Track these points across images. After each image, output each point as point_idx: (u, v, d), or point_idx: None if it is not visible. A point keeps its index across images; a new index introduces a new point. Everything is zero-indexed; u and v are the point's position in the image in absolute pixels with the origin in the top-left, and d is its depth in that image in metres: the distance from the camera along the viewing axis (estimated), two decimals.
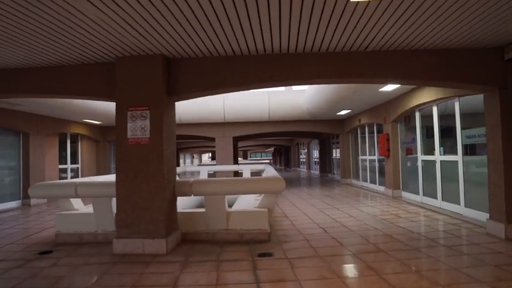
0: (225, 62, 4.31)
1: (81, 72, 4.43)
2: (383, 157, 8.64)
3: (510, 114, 4.13)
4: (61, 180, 5.28)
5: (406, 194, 7.76)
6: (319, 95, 8.38)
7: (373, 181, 10.01)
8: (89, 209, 4.94)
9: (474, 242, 4.06)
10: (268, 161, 45.94)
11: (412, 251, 3.79)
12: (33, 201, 8.64)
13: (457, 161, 5.62)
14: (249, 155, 51.47)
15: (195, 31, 3.47)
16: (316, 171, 18.16)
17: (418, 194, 7.11)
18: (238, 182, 4.51)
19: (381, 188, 9.07)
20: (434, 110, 6.35)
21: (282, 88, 12.07)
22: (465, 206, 5.47)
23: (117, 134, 4.19)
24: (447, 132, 6.14)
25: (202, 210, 4.62)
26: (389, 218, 5.62)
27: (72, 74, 4.44)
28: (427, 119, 6.76)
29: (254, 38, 3.71)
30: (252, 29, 3.45)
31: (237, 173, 12.06)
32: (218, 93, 4.58)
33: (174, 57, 4.32)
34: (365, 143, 10.60)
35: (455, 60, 4.16)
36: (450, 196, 5.97)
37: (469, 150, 5.54)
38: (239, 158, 48.03)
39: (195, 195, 4.50)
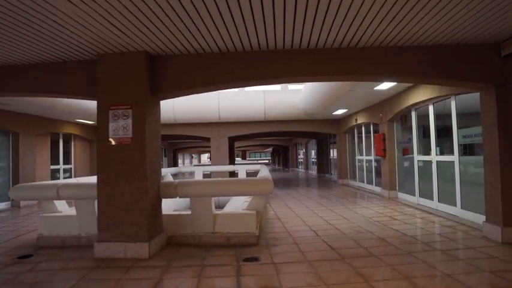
0: (211, 59, 4.15)
1: (62, 70, 4.27)
2: (379, 157, 8.48)
3: (507, 112, 3.97)
4: (42, 182, 5.11)
5: (402, 195, 7.60)
6: (314, 94, 8.23)
7: (369, 182, 9.85)
8: (73, 211, 4.78)
9: (470, 246, 3.90)
10: (267, 161, 45.82)
11: (405, 255, 3.63)
12: (22, 202, 8.49)
13: (453, 162, 5.46)
14: (248, 155, 51.32)
15: (177, 27, 3.32)
16: (314, 172, 17.99)
17: (414, 195, 6.95)
18: (224, 184, 4.35)
19: (378, 189, 8.91)
20: (431, 109, 6.19)
21: (278, 87, 11.92)
22: (461, 208, 5.31)
23: (98, 134, 4.04)
24: (444, 132, 5.98)
25: (188, 212, 4.46)
26: (383, 220, 5.46)
27: (52, 72, 4.28)
28: (423, 118, 6.60)
29: (239, 35, 3.56)
30: (235, 25, 3.30)
31: (232, 174, 11.90)
32: (205, 92, 4.43)
33: (158, 54, 4.17)
34: (362, 143, 10.44)
35: (450, 57, 4.01)
36: (446, 197, 5.81)
37: (467, 150, 5.38)
38: (238, 158, 47.95)
39: (180, 197, 4.34)
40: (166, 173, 10.82)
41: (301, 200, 8.21)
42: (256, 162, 30.69)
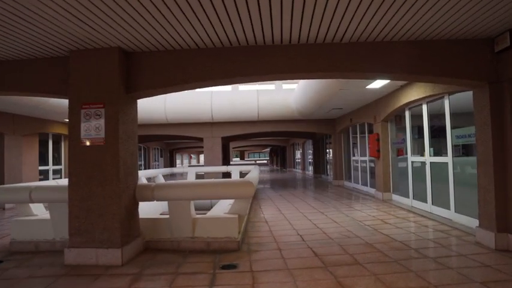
0: (189, 56, 3.94)
1: (31, 68, 4.06)
2: (374, 158, 8.26)
3: (501, 111, 3.75)
4: (15, 184, 4.91)
5: (396, 197, 7.38)
6: (306, 93, 8.02)
7: (364, 183, 9.63)
8: (48, 215, 4.58)
9: (461, 253, 3.67)
10: (265, 161, 45.56)
11: (392, 263, 3.41)
12: (8, 204, 8.29)
13: (447, 163, 5.24)
14: (247, 156, 51.12)
15: (148, 22, 3.15)
16: (311, 172, 17.77)
17: (408, 197, 6.73)
18: (203, 187, 4.14)
19: (372, 191, 8.69)
20: (424, 108, 5.97)
21: (272, 87, 11.72)
22: (455, 211, 5.08)
23: (70, 134, 3.83)
24: (438, 132, 5.76)
25: (167, 216, 4.25)
26: (374, 224, 5.24)
27: (21, 69, 4.07)
28: (418, 118, 6.37)
29: (215, 29, 3.36)
30: (209, 20, 3.10)
31: (227, 175, 11.69)
32: (183, 90, 4.22)
33: (133, 51, 3.96)
34: (357, 143, 10.22)
35: (441, 52, 3.79)
36: (440, 200, 5.59)
37: (461, 151, 5.16)
38: (236, 158, 47.70)
39: (157, 200, 4.13)
40: (158, 173, 10.63)
41: (293, 202, 7.99)
42: (253, 162, 30.46)
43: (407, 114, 6.71)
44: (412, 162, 6.53)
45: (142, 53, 3.99)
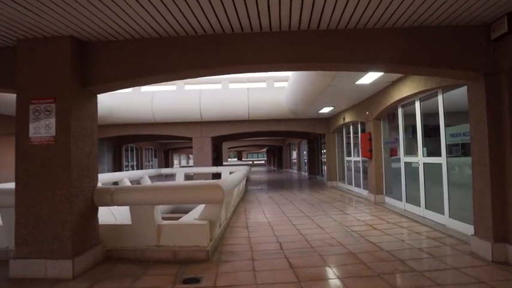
0: (151, 46, 3.55)
1: None
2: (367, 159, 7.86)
3: (498, 106, 3.34)
4: None
5: (389, 200, 6.97)
6: (295, 90, 7.63)
7: (357, 185, 9.22)
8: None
9: (454, 265, 3.27)
10: (263, 161, 45.13)
11: (374, 278, 3.01)
12: None
13: (440, 164, 4.83)
14: (245, 156, 50.73)
15: (99, 9, 2.77)
16: (306, 173, 17.36)
17: (401, 200, 6.32)
18: (167, 190, 3.74)
19: (365, 193, 8.28)
20: (417, 105, 5.56)
21: (263, 84, 11.32)
22: (449, 217, 4.67)
23: (17, 133, 3.44)
24: (433, 131, 5.37)
25: (129, 222, 3.86)
26: (362, 230, 4.84)
27: None
28: (411, 116, 5.97)
29: (174, 16, 2.97)
30: (166, 6, 2.71)
31: (217, 175, 11.29)
32: (147, 83, 3.84)
33: (90, 40, 3.57)
34: (350, 143, 9.82)
35: (430, 41, 3.39)
36: (434, 204, 5.19)
37: (460, 151, 4.75)
38: (234, 159, 47.19)
39: (117, 205, 3.74)
40: (143, 175, 10.25)
41: (281, 205, 7.59)
42: (247, 163, 30.08)
43: (399, 112, 6.31)
44: (405, 163, 6.13)
45: (100, 42, 3.60)
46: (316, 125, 11.50)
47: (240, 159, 41.24)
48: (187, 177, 12.19)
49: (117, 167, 15.32)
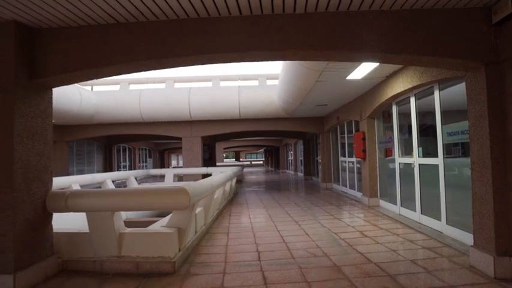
0: (107, 33, 3.14)
1: None
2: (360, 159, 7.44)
3: (501, 100, 2.93)
4: None
5: (383, 203, 6.56)
6: (283, 87, 7.22)
7: (352, 186, 8.80)
8: None
9: (451, 282, 2.85)
10: (261, 162, 44.68)
11: None
12: None
13: (437, 165, 4.42)
14: (243, 156, 50.29)
15: None
16: (302, 174, 16.94)
17: (395, 204, 5.91)
18: (126, 195, 3.33)
19: (359, 194, 7.87)
20: (412, 101, 5.15)
21: (256, 82, 10.93)
22: (447, 223, 4.26)
23: None
24: (430, 130, 4.96)
25: (87, 230, 3.45)
26: (351, 238, 4.42)
27: None
28: (407, 114, 5.55)
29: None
30: None
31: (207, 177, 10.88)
32: (104, 75, 3.41)
33: (39, 27, 3.16)
34: (344, 143, 9.40)
35: (423, 25, 2.98)
36: (430, 209, 4.77)
37: (458, 151, 4.34)
38: (232, 159, 46.63)
39: (73, 211, 3.33)
40: (129, 176, 9.85)
41: (269, 208, 7.18)
42: (241, 164, 29.67)
43: (394, 109, 5.89)
44: (400, 164, 5.71)
45: (52, 30, 3.20)
46: (310, 125, 11.09)
47: (237, 159, 40.74)
48: (179, 178, 11.80)
49: (108, 168, 14.93)
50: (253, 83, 11.11)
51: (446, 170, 4.29)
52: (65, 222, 3.82)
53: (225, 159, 48.76)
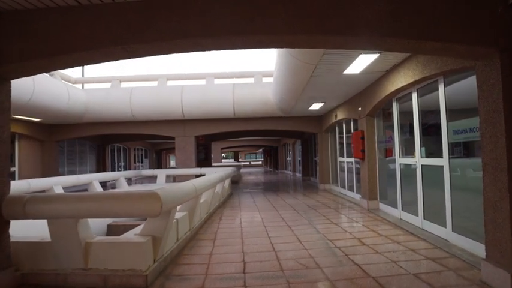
0: (66, 17, 2.76)
1: None
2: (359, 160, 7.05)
3: None
4: None
5: (383, 207, 6.17)
6: (278, 83, 6.85)
7: (350, 188, 8.41)
8: None
9: None
10: (260, 162, 44.27)
11: None
12: None
13: (442, 166, 4.04)
14: (242, 157, 49.91)
15: None
16: (301, 174, 16.55)
17: (396, 207, 5.52)
18: (92, 200, 2.95)
19: (358, 197, 7.48)
20: (414, 97, 4.77)
21: (251, 79, 10.54)
22: (453, 230, 3.87)
23: None
24: (434, 128, 4.58)
25: (49, 240, 3.07)
26: (347, 246, 4.04)
27: None
28: (408, 111, 5.17)
29: None
30: None
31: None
32: (64, 65, 3.07)
33: None
34: (343, 143, 9.01)
35: (427, 5, 2.60)
36: (434, 214, 4.39)
37: (465, 151, 3.96)
38: (230, 160, 46.13)
39: (31, 218, 2.95)
40: (119, 176, 9.48)
41: (263, 211, 6.80)
42: (237, 164, 29.28)
43: (395, 106, 5.51)
44: (401, 164, 5.33)
45: (5, 12, 2.82)
46: (307, 124, 10.71)
47: (236, 160, 40.35)
48: (173, 179, 11.43)
49: (102, 169, 14.56)
50: (249, 81, 10.74)
51: (452, 172, 3.91)
52: (28, 230, 3.44)
53: (224, 160, 48.41)
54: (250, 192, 10.86)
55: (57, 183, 6.32)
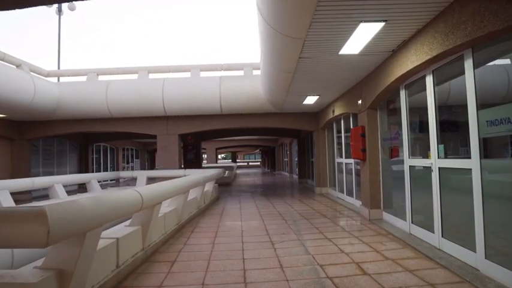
0: None
1: None
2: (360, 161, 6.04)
3: None
4: None
5: (388, 217, 5.17)
6: (265, 71, 5.86)
7: (349, 193, 7.41)
8: None
9: None
10: (259, 163, 43.24)
11: None
12: None
13: (469, 170, 3.04)
14: (241, 157, 48.95)
15: None
16: (297, 176, 15.54)
17: (404, 219, 4.52)
18: None
19: (358, 203, 6.49)
20: (428, 80, 3.77)
21: (240, 72, 9.55)
22: (486, 257, 2.86)
23: None
24: (456, 119, 3.61)
25: None
26: (342, 276, 3.04)
27: None
28: (421, 99, 4.19)
29: None
30: None
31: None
32: None
33: None
34: (341, 141, 8.02)
35: None
36: (458, 232, 3.39)
37: (501, 149, 2.98)
38: (228, 160, 45.02)
39: None
40: (90, 179, 8.51)
41: (246, 220, 5.81)
42: (227, 166, 28.37)
43: (403, 95, 4.51)
44: (411, 167, 4.33)
45: None
46: (303, 121, 9.73)
47: (234, 161, 39.30)
48: (148, 181, 10.45)
49: (84, 169, 13.60)
50: (238, 74, 9.78)
51: (484, 177, 2.90)
52: None
53: (222, 161, 47.43)
54: (240, 195, 9.87)
55: (4, 188, 5.36)
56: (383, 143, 5.37)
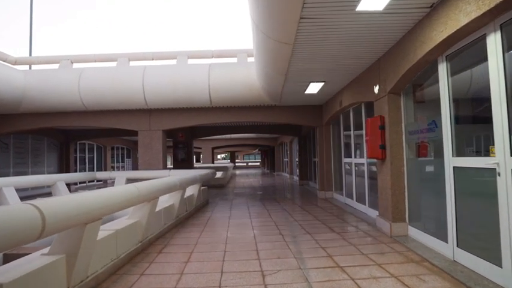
0: None
1: None
2: (375, 160, 4.85)
3: None
4: None
5: (417, 234, 3.97)
6: (256, 48, 4.68)
7: (360, 199, 6.22)
8: None
9: None
10: (258, 163, 42.06)
11: None
12: None
13: None
14: (240, 157, 47.79)
15: None
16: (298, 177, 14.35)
17: (444, 240, 3.33)
18: None
19: (373, 214, 5.30)
20: (491, 42, 2.57)
21: (234, 59, 8.36)
22: None
23: None
24: None
25: None
26: None
27: None
28: (476, 71, 3.01)
29: None
30: None
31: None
32: None
33: None
34: (350, 138, 6.83)
35: None
36: None
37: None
38: (226, 160, 43.82)
39: None
40: (55, 181, 7.34)
41: (233, 234, 4.63)
42: (221, 166, 27.23)
43: (443, 70, 3.32)
44: (456, 169, 3.14)
45: None
46: (304, 115, 8.53)
47: (232, 161, 38.07)
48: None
49: (65, 169, 12.44)
50: (231, 61, 8.63)
51: None
52: None
53: (220, 161, 46.22)
54: (232, 200, 8.68)
55: None
56: (409, 137, 4.18)
